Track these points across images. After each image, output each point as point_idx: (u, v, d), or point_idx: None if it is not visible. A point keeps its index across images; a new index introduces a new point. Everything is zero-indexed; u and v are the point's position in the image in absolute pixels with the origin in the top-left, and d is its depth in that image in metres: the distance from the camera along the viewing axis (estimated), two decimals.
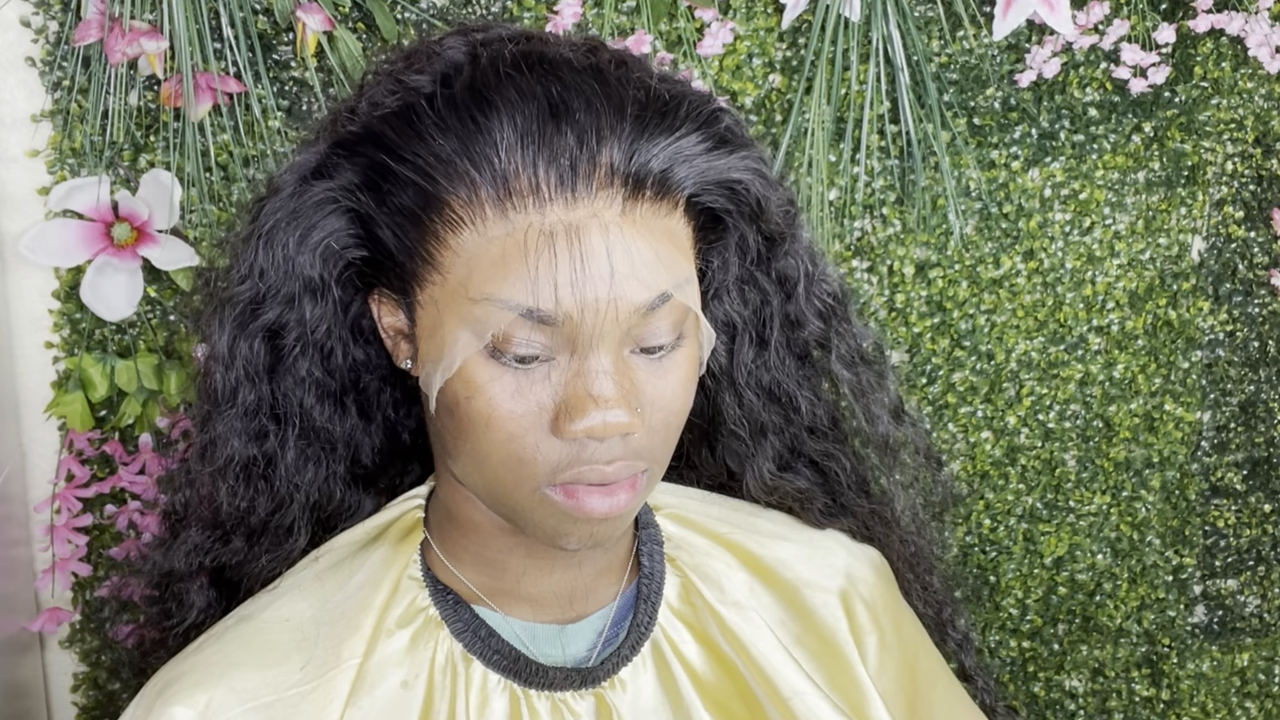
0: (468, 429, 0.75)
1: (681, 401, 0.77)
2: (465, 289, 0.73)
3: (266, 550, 0.88)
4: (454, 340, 0.73)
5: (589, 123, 0.72)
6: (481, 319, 0.72)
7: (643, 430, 0.75)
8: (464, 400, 0.74)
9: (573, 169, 0.72)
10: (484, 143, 0.72)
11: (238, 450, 0.84)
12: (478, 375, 0.73)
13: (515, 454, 0.74)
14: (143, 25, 1.11)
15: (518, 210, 0.72)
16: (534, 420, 0.74)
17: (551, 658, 0.83)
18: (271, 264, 0.80)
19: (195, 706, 0.77)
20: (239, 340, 0.82)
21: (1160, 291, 1.46)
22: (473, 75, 0.75)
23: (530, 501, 0.76)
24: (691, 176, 0.75)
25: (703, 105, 0.77)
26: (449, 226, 0.73)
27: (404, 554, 0.84)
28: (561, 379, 0.73)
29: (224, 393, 0.83)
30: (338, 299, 0.81)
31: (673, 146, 0.74)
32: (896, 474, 0.95)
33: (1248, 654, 1.59)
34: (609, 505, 0.75)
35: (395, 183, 0.75)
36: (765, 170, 0.80)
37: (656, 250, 0.73)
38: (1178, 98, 1.40)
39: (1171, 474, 1.52)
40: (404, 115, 0.75)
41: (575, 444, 0.74)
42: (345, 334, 0.83)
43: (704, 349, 0.80)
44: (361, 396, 0.87)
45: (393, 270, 0.78)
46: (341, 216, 0.78)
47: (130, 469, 1.25)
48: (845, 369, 0.91)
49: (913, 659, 0.92)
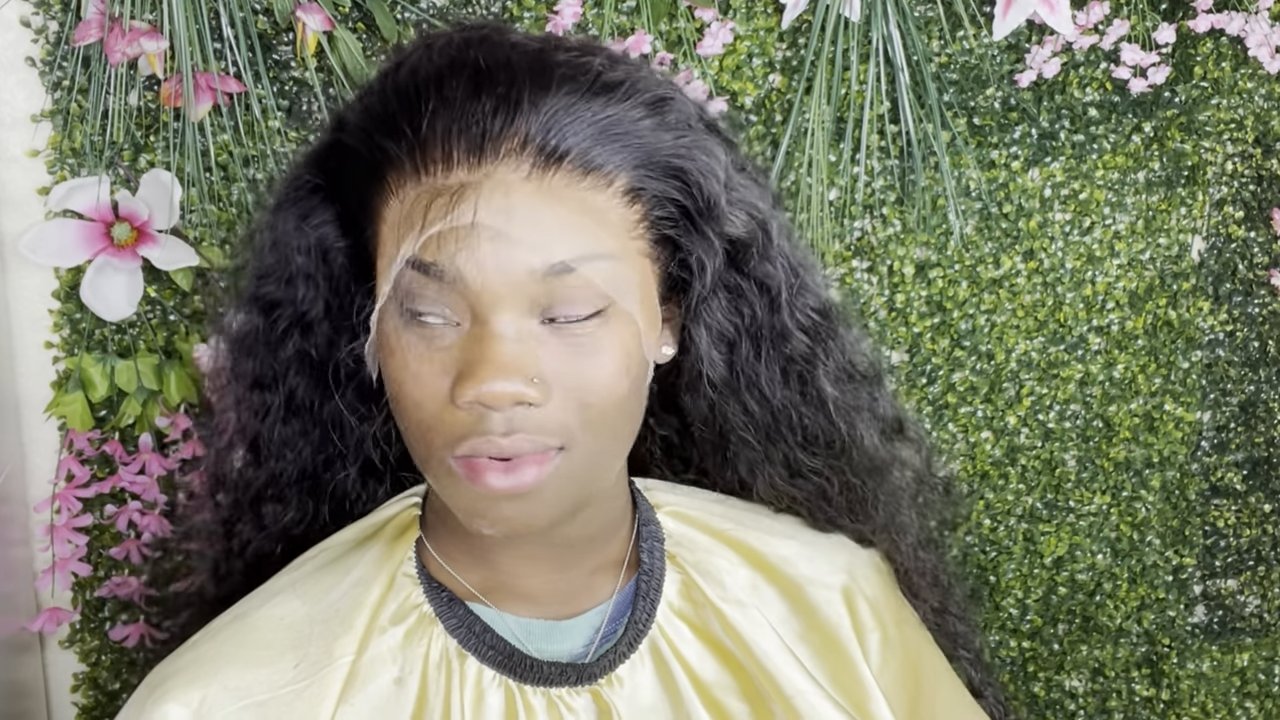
0: (394, 399, 0.76)
1: (606, 385, 0.75)
2: (386, 253, 0.76)
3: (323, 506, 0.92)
4: (376, 303, 0.76)
5: (509, 94, 0.73)
6: (384, 275, 0.75)
7: (551, 405, 0.73)
8: (384, 364, 0.76)
9: (482, 136, 0.73)
10: (412, 113, 0.74)
11: (300, 452, 0.89)
12: (393, 338, 0.75)
13: (422, 421, 0.75)
14: (143, 25, 1.12)
15: (429, 174, 0.73)
16: (436, 386, 0.74)
17: (547, 653, 0.83)
18: (271, 246, 0.84)
19: (189, 704, 0.77)
20: (251, 310, 0.86)
21: (1160, 291, 1.46)
22: (419, 58, 0.77)
23: (439, 474, 0.76)
24: (620, 156, 0.75)
25: (649, 90, 0.76)
26: (383, 200, 0.76)
27: (399, 551, 0.84)
28: (461, 345, 0.73)
29: (238, 361, 0.88)
30: (333, 288, 0.84)
31: (600, 123, 0.74)
32: (893, 495, 0.94)
33: (1248, 654, 1.59)
34: (510, 482, 0.74)
35: (351, 161, 0.78)
36: (716, 167, 0.78)
37: (563, 219, 0.73)
38: (1178, 98, 1.40)
39: (1171, 474, 1.52)
40: (360, 97, 0.79)
41: (473, 414, 0.73)
42: (340, 324, 0.85)
43: (651, 351, 0.78)
44: (364, 390, 0.88)
45: (370, 258, 0.80)
46: (329, 206, 0.82)
47: (130, 469, 1.25)
48: (831, 386, 0.88)
49: (915, 657, 0.92)
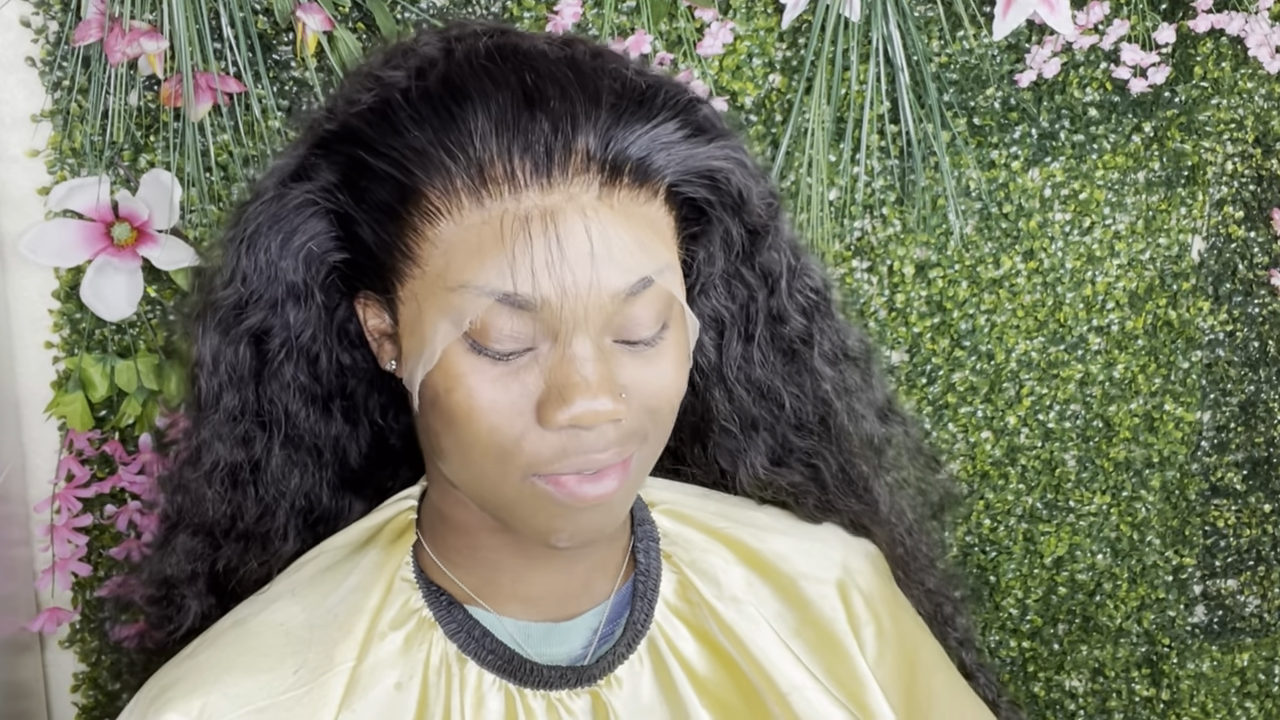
0: (450, 423, 0.75)
1: (673, 388, 0.76)
2: (443, 279, 0.73)
3: (257, 555, 0.88)
4: (434, 331, 0.73)
5: (564, 109, 0.72)
6: (459, 306, 0.72)
7: (631, 415, 0.74)
8: (444, 394, 0.74)
9: (548, 155, 0.72)
10: (458, 132, 0.72)
11: (223, 455, 0.84)
12: (458, 366, 0.73)
13: (498, 445, 0.74)
14: (143, 25, 1.11)
15: (493, 197, 0.72)
16: (517, 410, 0.73)
17: (546, 656, 0.83)
18: (254, 269, 0.80)
19: (189, 713, 0.77)
20: (223, 345, 0.82)
21: (1160, 291, 1.46)
22: (447, 68, 0.75)
23: (517, 493, 0.76)
24: (671, 164, 0.75)
25: (679, 94, 0.77)
26: (426, 218, 0.73)
27: (396, 556, 0.83)
28: (542, 369, 0.73)
29: (208, 398, 0.83)
30: (321, 303, 0.81)
31: (650, 134, 0.74)
32: (887, 475, 0.95)
33: (1248, 654, 1.59)
34: (599, 490, 0.75)
35: (372, 178, 0.75)
36: (746, 160, 0.80)
37: (636, 235, 0.73)
38: (1178, 98, 1.40)
39: (1171, 474, 1.52)
40: (379, 110, 0.75)
41: (564, 434, 0.73)
42: (331, 339, 0.83)
43: (690, 338, 0.79)
44: (348, 401, 0.87)
45: (374, 270, 0.77)
46: (322, 219, 0.78)
47: (130, 469, 1.25)
48: (828, 366, 0.90)
49: (911, 649, 0.92)
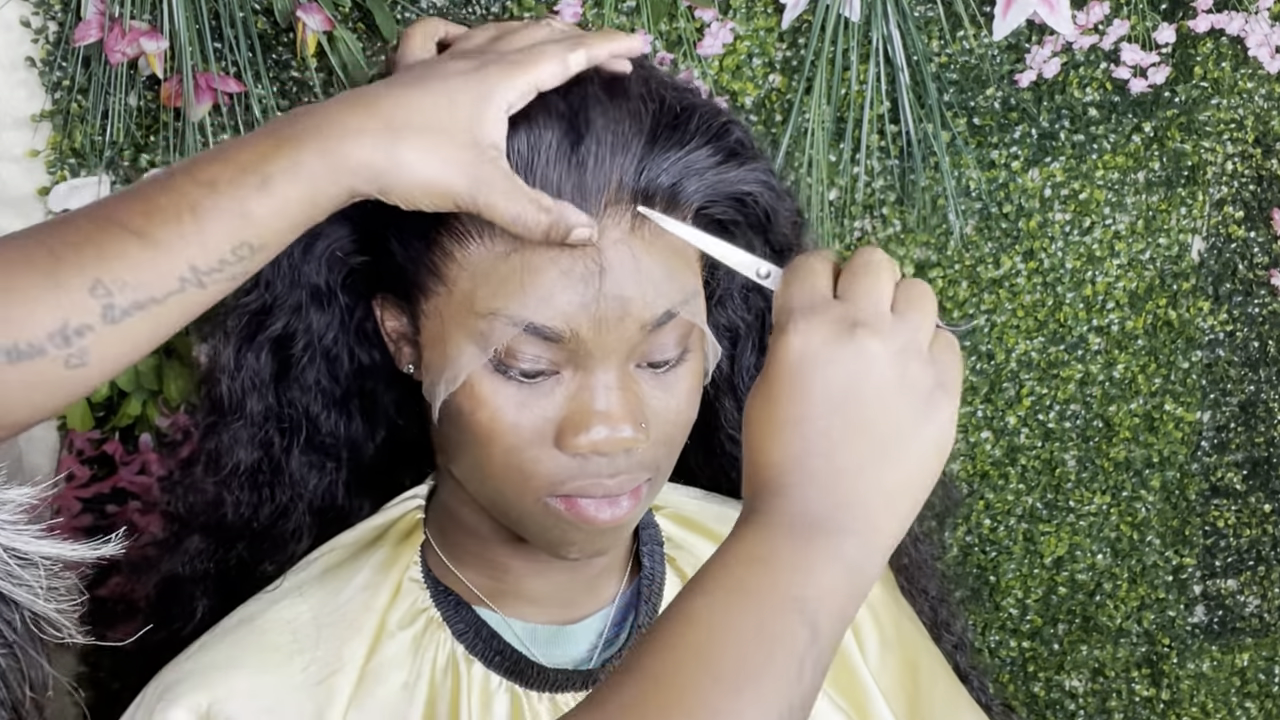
0: (470, 440, 0.75)
1: (687, 415, 0.77)
2: (471, 303, 0.73)
3: (269, 554, 0.88)
4: (459, 353, 0.73)
5: (606, 139, 0.72)
6: (486, 333, 0.72)
7: (649, 446, 0.75)
8: (467, 413, 0.74)
9: (584, 186, 0.71)
10: None
11: (243, 459, 0.84)
12: (481, 388, 0.73)
13: (516, 466, 0.74)
14: (143, 25, 1.11)
15: None
16: (537, 434, 0.73)
17: (552, 659, 0.83)
18: (277, 274, 0.80)
19: (196, 709, 0.77)
20: (245, 351, 0.82)
21: (1160, 291, 1.46)
22: None
23: (532, 510, 0.76)
24: (700, 190, 0.75)
25: (714, 118, 0.76)
26: (456, 239, 0.73)
27: (405, 555, 0.83)
28: (566, 393, 0.73)
29: (231, 403, 0.83)
30: (344, 305, 0.81)
31: (683, 161, 0.74)
32: None
33: (1248, 654, 1.59)
34: (611, 514, 0.75)
35: None
36: (774, 182, 0.79)
37: (665, 266, 0.73)
38: (1178, 98, 1.40)
39: (1171, 474, 1.52)
40: None
41: (579, 457, 0.73)
42: (351, 339, 0.83)
43: (709, 362, 0.79)
44: (366, 401, 0.87)
45: (396, 276, 0.77)
46: (345, 224, 0.78)
47: (130, 469, 1.25)
48: None
49: (913, 657, 0.92)
